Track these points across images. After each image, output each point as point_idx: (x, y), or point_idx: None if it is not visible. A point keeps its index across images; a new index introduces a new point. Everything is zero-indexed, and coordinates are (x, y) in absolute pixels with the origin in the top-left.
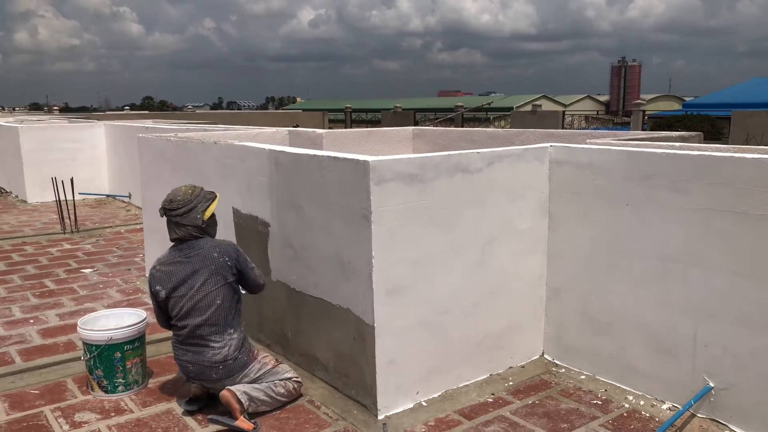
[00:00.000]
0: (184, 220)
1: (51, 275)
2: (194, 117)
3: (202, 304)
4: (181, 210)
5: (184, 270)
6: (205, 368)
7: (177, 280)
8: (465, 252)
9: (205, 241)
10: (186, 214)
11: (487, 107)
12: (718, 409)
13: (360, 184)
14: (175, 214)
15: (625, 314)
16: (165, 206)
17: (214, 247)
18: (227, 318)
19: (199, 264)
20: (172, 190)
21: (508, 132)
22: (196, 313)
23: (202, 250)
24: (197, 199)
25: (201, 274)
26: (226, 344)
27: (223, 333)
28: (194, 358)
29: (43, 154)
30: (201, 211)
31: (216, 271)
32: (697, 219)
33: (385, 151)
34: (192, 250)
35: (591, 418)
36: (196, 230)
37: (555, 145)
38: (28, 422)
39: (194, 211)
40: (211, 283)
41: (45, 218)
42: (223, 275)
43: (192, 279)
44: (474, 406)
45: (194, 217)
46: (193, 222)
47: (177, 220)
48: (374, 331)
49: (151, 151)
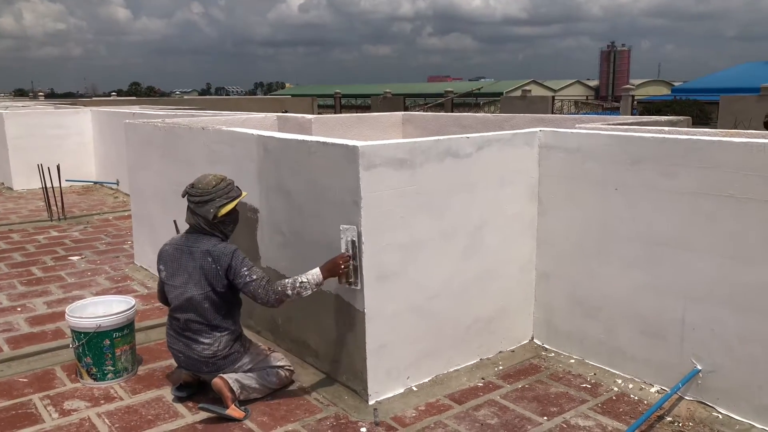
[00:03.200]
0: (198, 209)
1: (38, 263)
2: (182, 103)
3: (191, 303)
4: (197, 198)
5: (184, 261)
6: (195, 361)
7: (174, 267)
8: (455, 237)
9: (208, 242)
10: (201, 204)
11: (477, 93)
12: (705, 391)
13: (349, 170)
14: (191, 201)
15: (614, 298)
16: (188, 190)
17: (209, 251)
18: (215, 320)
19: (194, 263)
20: (202, 174)
21: (497, 117)
22: (185, 308)
23: (199, 250)
24: (218, 192)
25: (192, 275)
26: (215, 342)
27: (212, 332)
28: (185, 350)
29: (28, 141)
30: (216, 206)
31: (205, 277)
32: (685, 203)
33: (374, 137)
34: (195, 244)
35: (580, 401)
36: (206, 224)
37: (544, 130)
38: (17, 410)
39: (210, 204)
40: (199, 287)
41: (31, 205)
42: (210, 283)
43: (185, 274)
44: (464, 391)
45: (207, 210)
46: (205, 214)
47: (192, 207)
48: (364, 317)
49: (139, 137)
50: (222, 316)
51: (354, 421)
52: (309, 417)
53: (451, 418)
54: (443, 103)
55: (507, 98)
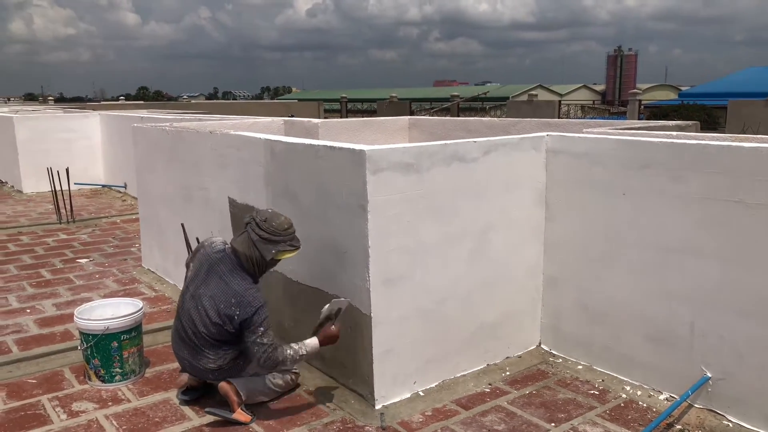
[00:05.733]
0: (260, 245)
1: (47, 265)
2: (190, 107)
3: (202, 320)
4: (265, 235)
5: (208, 278)
6: (200, 370)
7: (199, 276)
8: (461, 241)
9: (242, 281)
10: (266, 242)
11: (483, 97)
12: (715, 399)
13: (356, 174)
14: (258, 234)
15: (622, 304)
16: (257, 219)
17: (237, 293)
18: (220, 343)
19: (218, 291)
20: (273, 210)
21: (504, 121)
22: (194, 317)
23: (231, 286)
24: (286, 237)
25: (212, 300)
26: (219, 358)
27: (218, 349)
28: (190, 357)
29: (38, 145)
30: (279, 250)
31: (219, 313)
32: (694, 208)
33: (381, 141)
34: (230, 272)
35: (588, 408)
36: (258, 259)
37: (552, 135)
38: (26, 411)
39: (274, 245)
40: (213, 315)
41: (41, 208)
42: (222, 320)
43: (206, 292)
44: (471, 396)
45: (269, 249)
46: (264, 252)
47: (255, 239)
48: (371, 321)
49: (147, 141)
50: (228, 339)
51: (360, 425)
52: (315, 421)
53: (457, 424)
54: (449, 107)
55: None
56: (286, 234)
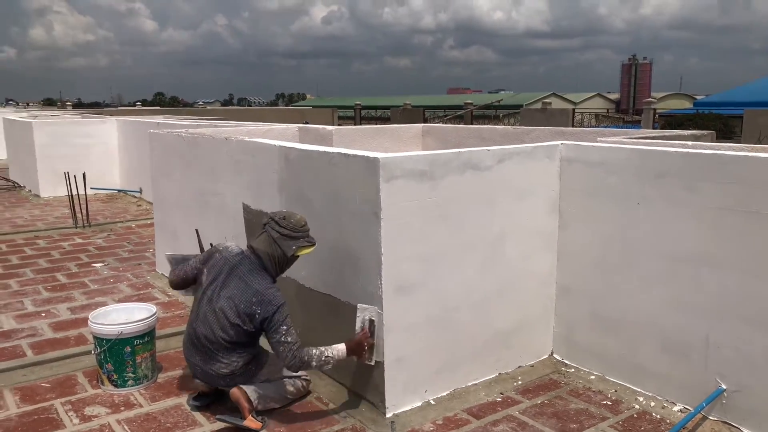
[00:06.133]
0: (281, 242)
1: (63, 269)
2: (205, 113)
3: (219, 323)
4: (286, 231)
5: (227, 280)
6: (212, 376)
7: (217, 279)
8: (474, 249)
9: (262, 280)
10: (287, 239)
11: (497, 105)
12: (730, 411)
13: (370, 181)
14: (279, 232)
15: (635, 314)
16: (275, 218)
17: (258, 292)
18: (236, 343)
19: (237, 291)
20: (287, 210)
21: (518, 130)
22: (209, 321)
23: (251, 285)
24: (304, 232)
25: (232, 300)
26: (234, 361)
27: (231, 353)
28: (202, 363)
29: (55, 149)
30: (299, 245)
31: (239, 313)
32: (709, 218)
33: (394, 148)
34: (250, 272)
35: (601, 418)
36: (280, 257)
37: (566, 143)
38: (39, 415)
39: (294, 241)
40: (232, 316)
41: (57, 212)
42: (243, 320)
43: (224, 293)
44: (482, 405)
45: (290, 245)
46: (286, 249)
47: (276, 237)
48: (383, 328)
49: (163, 146)
50: (244, 342)
51: None
52: (326, 428)
53: None
54: (463, 115)
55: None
56: (303, 230)
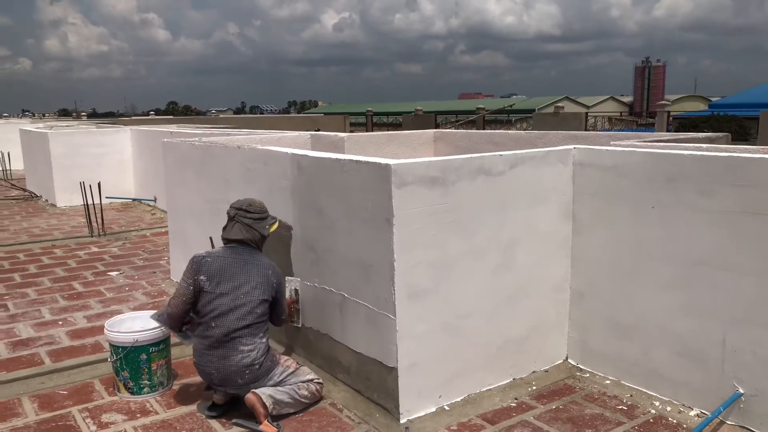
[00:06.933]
0: (256, 225)
1: (79, 278)
2: (218, 121)
3: (244, 309)
4: (256, 215)
5: (237, 271)
6: (231, 373)
7: (225, 276)
8: (487, 255)
9: (263, 257)
10: (259, 221)
11: (509, 109)
12: (748, 415)
13: (382, 188)
14: (251, 217)
15: (650, 318)
16: (243, 207)
17: (269, 265)
18: (259, 325)
19: (254, 273)
20: (245, 198)
21: (530, 134)
22: (233, 314)
23: (261, 263)
24: (268, 214)
25: (253, 282)
26: (255, 348)
27: (254, 337)
28: (220, 364)
29: (71, 159)
30: (270, 224)
31: (263, 286)
32: (724, 222)
33: (406, 155)
34: (252, 257)
35: (616, 423)
36: (260, 239)
37: (579, 148)
38: (57, 422)
39: (265, 221)
40: (258, 294)
41: (73, 222)
42: (267, 291)
43: (241, 282)
44: (497, 411)
45: (263, 226)
46: (261, 230)
47: (249, 223)
48: (396, 335)
49: (176, 155)
50: (264, 323)
51: None
52: None
53: None
54: (475, 120)
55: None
56: (266, 211)
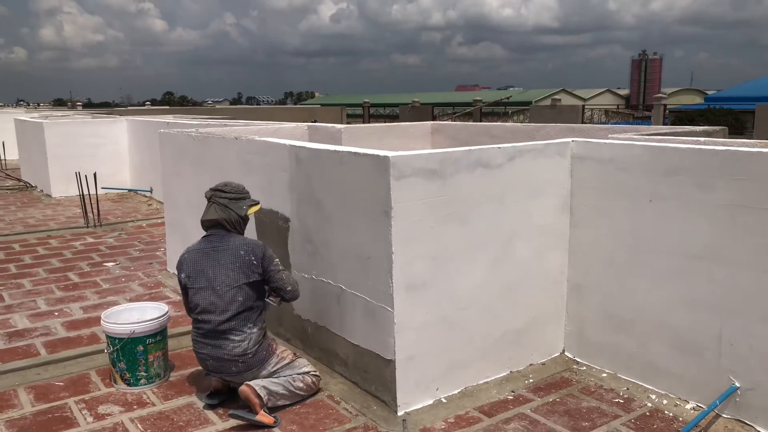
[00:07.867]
0: (232, 205)
1: (75, 268)
2: (214, 112)
3: (224, 299)
4: (231, 195)
5: (209, 262)
6: (224, 362)
7: (198, 269)
8: (485, 248)
9: (235, 238)
10: (235, 201)
11: (506, 101)
12: (744, 409)
13: (380, 180)
14: (226, 197)
15: (647, 311)
16: (219, 188)
17: (242, 245)
18: (248, 315)
19: (225, 259)
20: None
21: (528, 127)
22: (216, 308)
23: (231, 246)
24: (246, 194)
25: (224, 269)
26: (245, 338)
27: (243, 328)
28: (213, 352)
29: (67, 149)
30: (248, 205)
31: (240, 269)
32: (722, 215)
33: (404, 147)
34: (222, 243)
35: (613, 416)
36: (237, 220)
37: (577, 140)
38: (53, 414)
39: (242, 202)
40: (233, 279)
41: (69, 212)
42: (246, 273)
43: (214, 272)
44: (494, 403)
45: (240, 206)
46: (238, 210)
47: (225, 203)
48: (394, 327)
49: (173, 146)
50: (254, 312)
51: (383, 431)
52: (338, 427)
53: (480, 431)
54: (472, 112)
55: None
56: (245, 192)
